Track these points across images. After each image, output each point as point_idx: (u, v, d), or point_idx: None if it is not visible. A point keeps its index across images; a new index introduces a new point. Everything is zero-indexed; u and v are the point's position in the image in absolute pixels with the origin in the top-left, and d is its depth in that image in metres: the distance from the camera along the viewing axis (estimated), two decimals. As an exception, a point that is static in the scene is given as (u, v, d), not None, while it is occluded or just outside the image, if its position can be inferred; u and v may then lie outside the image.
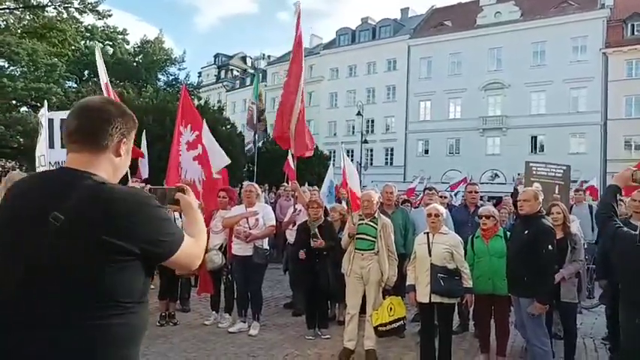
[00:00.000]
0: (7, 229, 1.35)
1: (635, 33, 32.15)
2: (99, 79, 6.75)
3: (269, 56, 58.10)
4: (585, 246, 5.47)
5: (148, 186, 1.67)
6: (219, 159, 6.53)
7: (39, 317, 1.26)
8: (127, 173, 5.52)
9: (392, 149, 41.10)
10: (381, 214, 5.14)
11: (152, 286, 6.81)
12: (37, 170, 6.68)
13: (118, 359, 1.34)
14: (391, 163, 40.90)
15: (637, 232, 2.74)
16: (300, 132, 6.40)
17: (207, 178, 6.39)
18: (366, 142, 33.28)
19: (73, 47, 26.11)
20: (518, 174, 7.22)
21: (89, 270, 1.27)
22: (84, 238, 1.26)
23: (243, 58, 62.76)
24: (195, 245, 1.52)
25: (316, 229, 5.53)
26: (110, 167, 1.45)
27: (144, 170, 9.65)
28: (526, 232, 4.24)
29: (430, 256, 4.42)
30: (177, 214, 5.72)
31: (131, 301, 1.34)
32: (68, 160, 1.43)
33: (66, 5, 23.90)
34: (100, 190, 1.32)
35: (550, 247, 4.13)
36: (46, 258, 1.26)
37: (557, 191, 6.50)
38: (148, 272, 1.40)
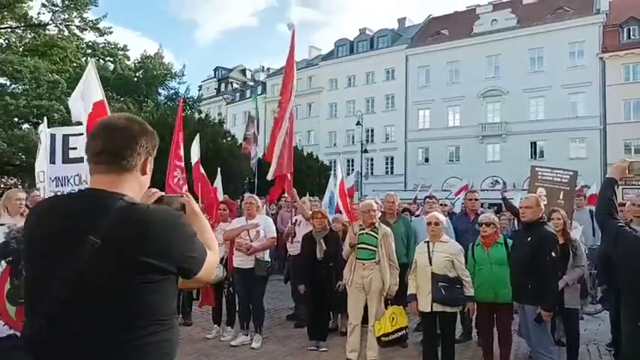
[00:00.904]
0: (39, 255, 1.35)
1: (632, 37, 32.34)
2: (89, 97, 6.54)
3: (268, 68, 58.48)
4: (587, 251, 5.46)
5: (158, 192, 1.65)
6: None
7: (78, 336, 1.26)
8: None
9: (392, 158, 41.15)
10: (382, 224, 5.15)
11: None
12: (38, 186, 6.72)
13: None
14: (391, 172, 40.92)
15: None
16: (282, 154, 6.25)
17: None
18: (366, 151, 33.34)
19: (74, 64, 26.34)
20: (504, 184, 7.22)
21: (127, 290, 1.28)
22: (121, 260, 1.28)
23: (243, 71, 63.19)
24: (213, 255, 1.54)
25: (322, 240, 5.54)
26: (137, 186, 1.46)
27: None
28: (529, 239, 4.23)
29: (431, 264, 4.42)
30: None
31: (166, 318, 1.37)
32: (95, 180, 1.42)
33: (67, 24, 24.20)
34: (133, 211, 1.34)
35: (553, 253, 4.12)
36: (85, 279, 1.26)
37: (561, 197, 6.49)
38: (177, 288, 1.45)
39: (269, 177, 6.31)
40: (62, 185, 6.41)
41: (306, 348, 5.45)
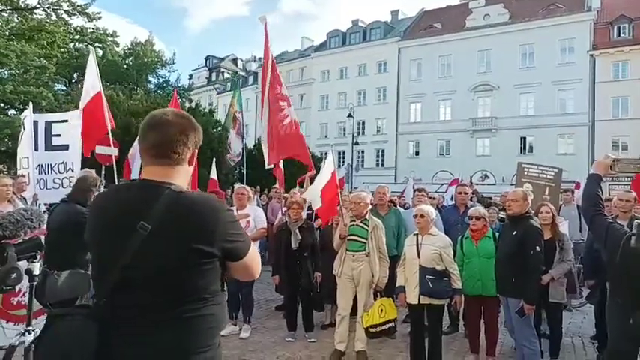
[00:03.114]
0: (100, 240, 1.54)
1: (622, 35, 32.61)
2: (87, 85, 6.48)
3: (260, 58, 58.00)
4: (572, 246, 5.53)
5: None
6: None
7: (132, 310, 1.43)
8: (113, 174, 5.45)
9: (383, 151, 41.25)
10: (372, 216, 5.16)
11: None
12: (20, 172, 6.59)
13: (205, 347, 1.50)
14: (382, 165, 41.03)
15: (629, 231, 2.63)
16: (276, 140, 6.22)
17: None
18: (357, 143, 33.38)
19: (62, 49, 25.87)
20: (470, 178, 7.36)
21: (174, 272, 1.43)
22: (169, 245, 1.42)
23: (234, 61, 62.65)
24: (256, 250, 1.65)
25: (297, 230, 5.55)
26: (185, 176, 1.60)
27: (134, 171, 9.54)
28: (514, 232, 4.27)
29: (419, 257, 4.45)
30: None
31: (210, 295, 1.50)
32: (148, 172, 1.56)
33: (55, 8, 23.70)
34: (179, 199, 1.47)
35: (537, 247, 4.17)
36: (137, 263, 1.42)
37: (547, 193, 6.57)
38: (223, 269, 1.56)
39: (271, 163, 6.31)
40: (46, 173, 6.30)
41: (295, 339, 5.47)
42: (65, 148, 6.33)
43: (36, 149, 6.39)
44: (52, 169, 6.34)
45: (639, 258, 2.42)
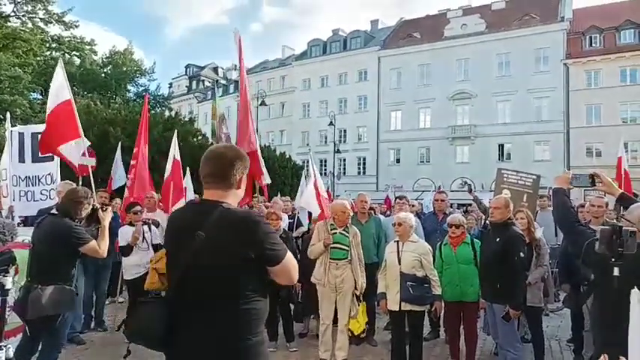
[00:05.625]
0: (171, 244, 2.03)
1: (593, 45, 33.62)
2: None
3: (240, 67, 57.84)
4: (549, 250, 5.65)
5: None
6: None
7: (193, 299, 1.83)
8: (91, 184, 5.37)
9: (364, 159, 41.49)
10: (352, 224, 5.19)
11: (122, 299, 6.64)
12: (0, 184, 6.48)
13: (250, 335, 1.84)
14: (364, 173, 41.25)
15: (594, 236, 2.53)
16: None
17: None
18: (338, 151, 33.51)
19: (38, 58, 25.40)
20: (466, 184, 7.44)
21: (224, 270, 1.80)
22: (220, 249, 1.80)
23: (215, 69, 62.36)
24: (293, 258, 1.99)
25: None
26: (234, 197, 2.00)
27: (115, 182, 9.36)
28: (497, 239, 4.32)
29: (399, 264, 4.49)
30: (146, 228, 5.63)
31: (252, 293, 1.84)
32: (206, 194, 1.97)
33: (30, 16, 23.33)
34: (227, 213, 1.87)
35: (521, 254, 4.23)
36: (194, 263, 1.81)
37: (525, 199, 6.68)
38: (264, 273, 1.89)
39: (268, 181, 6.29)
40: (33, 185, 6.21)
41: (277, 348, 5.44)
42: (51, 159, 6.25)
43: (22, 161, 6.28)
44: (39, 180, 6.26)
45: (603, 262, 2.39)
